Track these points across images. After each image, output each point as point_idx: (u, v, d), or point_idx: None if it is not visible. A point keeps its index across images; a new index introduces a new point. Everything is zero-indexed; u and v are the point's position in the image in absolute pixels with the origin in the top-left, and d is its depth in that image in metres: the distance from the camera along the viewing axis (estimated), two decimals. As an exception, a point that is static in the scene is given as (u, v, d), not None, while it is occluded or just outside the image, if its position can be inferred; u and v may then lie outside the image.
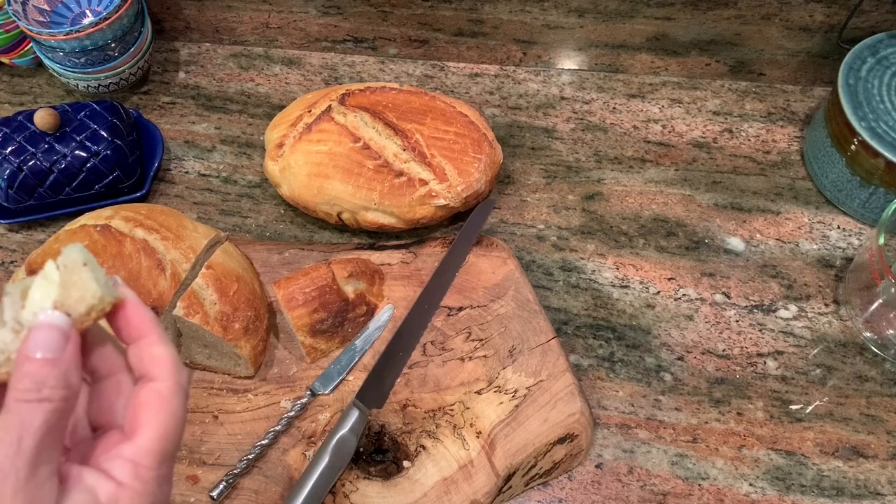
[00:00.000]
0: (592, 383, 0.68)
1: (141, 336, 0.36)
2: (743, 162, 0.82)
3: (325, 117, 0.74)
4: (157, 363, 0.35)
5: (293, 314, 0.65)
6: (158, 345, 0.36)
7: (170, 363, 0.35)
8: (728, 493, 0.63)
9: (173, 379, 0.35)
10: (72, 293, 0.34)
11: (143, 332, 0.36)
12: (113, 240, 0.63)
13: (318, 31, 0.91)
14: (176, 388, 0.35)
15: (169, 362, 0.35)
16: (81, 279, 0.34)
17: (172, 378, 0.35)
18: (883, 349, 0.69)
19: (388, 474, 0.62)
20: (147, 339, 0.36)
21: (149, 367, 0.35)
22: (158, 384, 0.35)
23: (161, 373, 0.35)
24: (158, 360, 0.35)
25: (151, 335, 0.36)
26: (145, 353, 0.36)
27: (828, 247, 0.76)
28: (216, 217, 0.80)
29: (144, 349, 0.36)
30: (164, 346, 0.36)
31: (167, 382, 0.35)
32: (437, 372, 0.66)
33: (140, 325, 0.36)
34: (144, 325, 0.36)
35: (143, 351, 0.36)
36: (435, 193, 0.72)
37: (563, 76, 0.89)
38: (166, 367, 0.35)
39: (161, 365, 0.35)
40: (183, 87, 0.89)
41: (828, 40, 0.83)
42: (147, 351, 0.36)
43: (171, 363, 0.35)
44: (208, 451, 0.63)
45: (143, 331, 0.36)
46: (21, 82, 0.91)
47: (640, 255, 0.76)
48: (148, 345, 0.36)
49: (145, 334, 0.36)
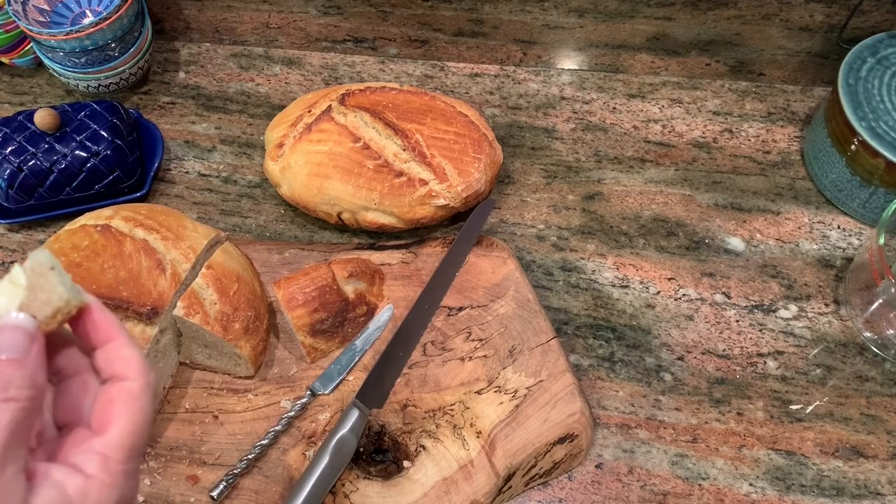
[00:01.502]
0: (592, 383, 0.68)
1: (108, 339, 0.37)
2: (743, 162, 0.82)
3: (325, 117, 0.74)
4: (127, 364, 0.36)
5: (293, 314, 0.65)
6: (127, 347, 0.37)
7: (139, 364, 0.37)
8: (728, 493, 0.63)
9: (143, 378, 0.36)
10: (38, 296, 0.35)
11: (110, 336, 0.37)
12: (113, 240, 0.63)
13: (318, 31, 0.91)
14: (146, 386, 0.36)
15: (138, 363, 0.37)
16: (48, 282, 0.35)
17: (143, 377, 0.36)
18: (883, 349, 0.69)
19: (388, 474, 0.62)
20: (115, 343, 0.37)
21: (119, 368, 0.36)
22: (129, 383, 0.36)
23: (131, 373, 0.36)
24: (128, 360, 0.37)
25: (119, 338, 0.37)
26: (115, 354, 0.37)
27: (828, 247, 0.76)
28: (216, 217, 0.80)
29: (113, 351, 0.37)
30: (132, 348, 0.37)
31: (138, 381, 0.36)
32: (437, 372, 0.66)
33: (107, 329, 0.37)
34: (112, 329, 0.37)
35: (112, 353, 0.37)
36: (435, 193, 0.72)
37: (563, 76, 0.89)
38: (136, 368, 0.36)
39: (131, 365, 0.36)
40: (183, 87, 0.89)
41: (828, 40, 0.83)
42: (116, 353, 0.37)
43: (140, 364, 0.37)
44: (208, 451, 0.63)
45: (110, 334, 0.37)
46: (21, 82, 0.91)
47: (640, 255, 0.76)
48: (117, 347, 0.37)
49: (113, 338, 0.37)
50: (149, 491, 0.61)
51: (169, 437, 0.64)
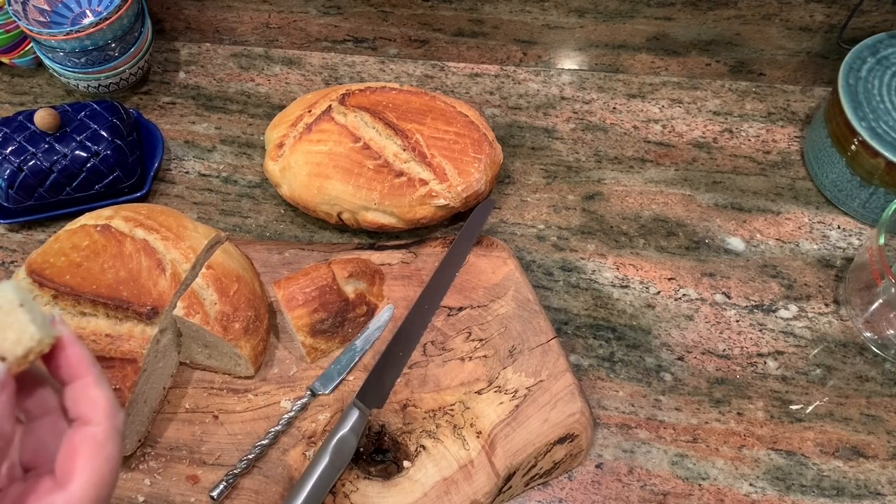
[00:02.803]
0: (592, 383, 0.68)
1: (77, 377, 0.35)
2: (743, 162, 0.82)
3: (326, 117, 0.74)
4: (92, 406, 0.34)
5: (293, 314, 0.65)
6: (94, 386, 0.35)
7: (106, 406, 0.34)
8: (728, 494, 0.63)
9: (109, 422, 0.34)
10: (7, 335, 0.32)
11: (79, 373, 0.35)
12: (113, 240, 0.63)
13: (318, 31, 0.91)
14: (111, 431, 0.34)
15: (105, 405, 0.34)
16: (18, 321, 0.32)
17: (108, 421, 0.34)
18: (883, 349, 0.69)
19: (388, 474, 0.62)
20: (83, 381, 0.35)
21: (84, 410, 0.34)
22: (93, 428, 0.34)
23: (96, 416, 0.34)
24: (94, 402, 0.34)
25: (87, 376, 0.35)
26: (81, 394, 0.34)
27: (828, 247, 0.76)
28: (216, 217, 0.80)
29: (80, 391, 0.35)
30: (100, 387, 0.35)
31: (102, 426, 0.34)
32: (437, 372, 0.66)
33: (77, 364, 0.35)
34: (81, 366, 0.35)
35: (78, 392, 0.35)
36: (435, 193, 0.72)
37: (563, 76, 0.89)
38: (102, 411, 0.34)
39: (97, 408, 0.34)
40: (183, 87, 0.89)
41: (828, 40, 0.83)
42: (83, 392, 0.35)
43: (108, 406, 0.34)
44: (208, 451, 0.63)
45: (80, 371, 0.35)
46: (21, 82, 0.91)
47: (640, 255, 0.76)
48: (84, 386, 0.35)
49: (82, 375, 0.35)
50: (149, 491, 0.61)
51: (169, 437, 0.64)
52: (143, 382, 0.61)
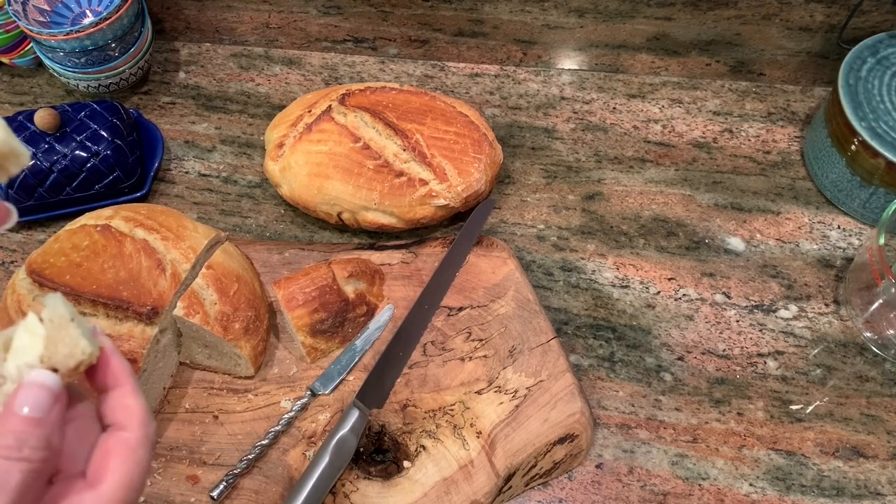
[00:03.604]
0: (592, 383, 0.68)
1: (116, 385, 0.36)
2: (743, 162, 0.82)
3: (326, 117, 0.74)
4: (128, 414, 0.36)
5: (293, 314, 0.65)
6: (131, 396, 0.36)
7: (140, 415, 0.36)
8: (728, 494, 0.63)
9: (142, 430, 0.36)
10: (59, 349, 0.33)
11: (118, 382, 0.37)
12: (113, 240, 0.63)
13: (318, 31, 0.91)
14: (143, 439, 0.36)
15: (140, 414, 0.36)
16: (70, 335, 0.34)
17: (141, 430, 0.36)
18: (883, 349, 0.69)
19: (388, 474, 0.62)
20: (121, 390, 0.36)
21: (120, 417, 0.36)
22: (127, 434, 0.35)
23: (131, 423, 0.36)
24: (130, 410, 0.36)
25: (126, 385, 0.36)
26: (118, 402, 0.36)
27: (828, 247, 0.76)
28: (216, 217, 0.80)
29: (118, 399, 0.36)
30: (136, 397, 0.37)
31: (136, 433, 0.35)
32: (438, 372, 0.66)
33: (117, 374, 0.37)
34: (121, 375, 0.37)
35: (116, 401, 0.36)
36: (435, 193, 0.72)
37: (563, 76, 0.89)
38: (137, 419, 0.36)
39: (132, 416, 0.36)
40: (183, 87, 0.89)
41: (828, 40, 0.83)
42: (120, 401, 0.36)
43: (142, 415, 0.36)
44: (208, 451, 0.63)
45: (119, 380, 0.37)
46: (21, 82, 0.91)
47: (640, 255, 0.76)
48: (122, 395, 0.36)
49: (120, 384, 0.36)
50: (149, 491, 0.61)
51: (169, 437, 0.64)
52: (143, 382, 0.61)
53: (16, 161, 0.35)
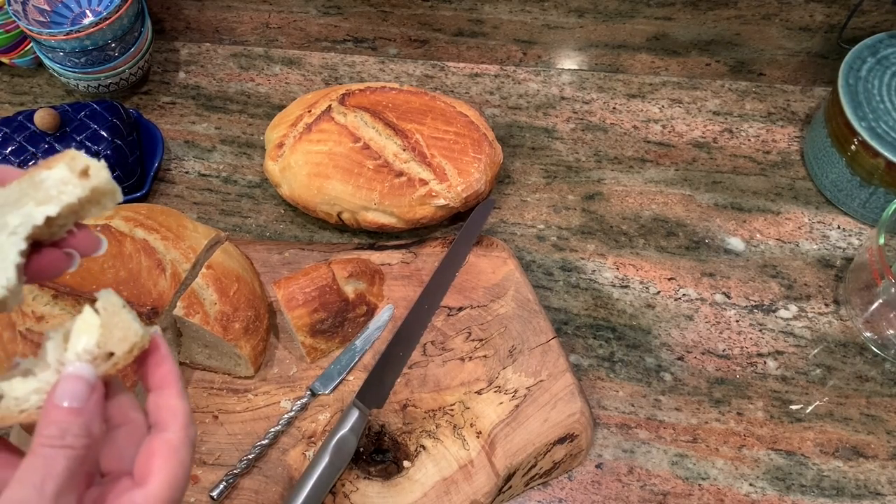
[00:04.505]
0: (592, 383, 0.68)
1: (163, 386, 0.39)
2: (743, 162, 0.82)
3: (325, 117, 0.74)
4: (172, 415, 0.38)
5: (293, 314, 0.65)
6: (176, 397, 0.38)
7: (184, 417, 0.38)
8: (728, 493, 0.63)
9: (184, 432, 0.38)
10: (114, 333, 0.36)
11: (166, 383, 0.39)
12: (113, 240, 0.63)
13: (318, 31, 0.91)
14: (185, 440, 0.38)
15: (183, 416, 0.38)
16: (122, 320, 0.36)
17: (183, 431, 0.38)
18: (883, 349, 0.69)
19: (388, 474, 0.62)
20: (168, 391, 0.38)
21: (164, 417, 0.38)
22: (170, 435, 0.37)
23: (174, 424, 0.38)
24: (174, 411, 0.38)
25: (173, 387, 0.39)
26: (164, 403, 0.38)
27: (828, 247, 0.76)
28: (216, 217, 0.80)
29: (164, 399, 0.38)
30: (181, 399, 0.39)
31: (178, 434, 0.37)
32: (437, 372, 0.66)
33: (166, 374, 0.39)
34: (169, 376, 0.39)
35: (162, 401, 0.38)
36: (435, 193, 0.72)
37: (563, 76, 0.89)
38: (180, 420, 0.38)
39: (176, 417, 0.38)
40: (183, 87, 0.89)
41: (828, 40, 0.83)
42: (166, 402, 0.38)
43: (185, 417, 0.38)
44: (208, 451, 0.63)
45: (166, 381, 0.39)
46: (21, 82, 0.91)
47: (640, 255, 0.76)
48: (168, 395, 0.38)
49: (168, 385, 0.39)
50: (149, 491, 0.61)
51: (169, 437, 0.64)
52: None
53: (112, 198, 0.38)
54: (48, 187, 0.35)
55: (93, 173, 0.36)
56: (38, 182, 0.35)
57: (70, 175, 0.35)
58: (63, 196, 0.35)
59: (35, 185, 0.35)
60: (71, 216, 0.36)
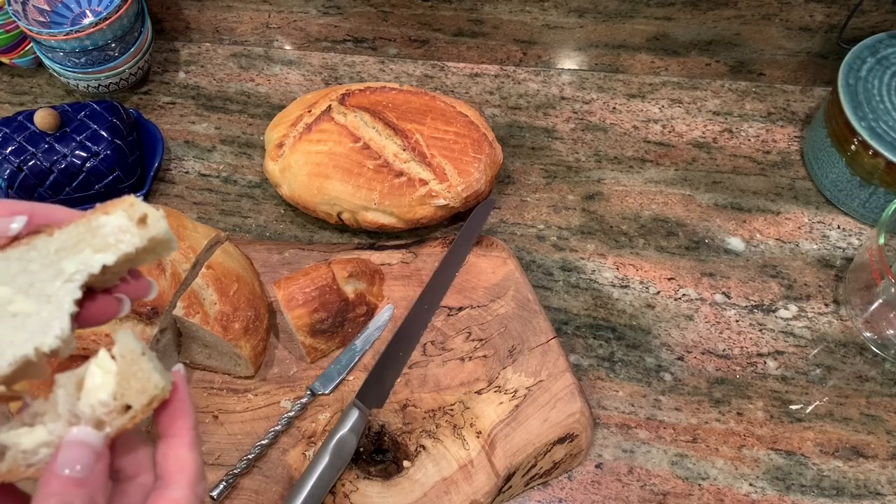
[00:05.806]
0: (592, 383, 0.68)
1: (176, 434, 0.35)
2: (743, 162, 0.82)
3: (325, 117, 0.74)
4: (179, 468, 0.34)
5: (293, 314, 0.65)
6: (187, 448, 0.35)
7: (192, 473, 0.34)
8: (728, 493, 0.63)
9: (191, 489, 0.34)
10: (132, 384, 0.33)
11: (179, 431, 0.35)
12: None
13: (318, 31, 0.91)
14: (192, 499, 0.34)
15: (191, 472, 0.34)
16: (142, 370, 0.33)
17: (190, 489, 0.34)
18: (883, 349, 0.69)
19: (388, 474, 0.62)
20: (179, 440, 0.35)
21: (171, 470, 0.34)
22: (175, 493, 0.34)
23: (181, 480, 0.34)
24: (182, 464, 0.34)
25: (185, 437, 0.35)
26: (173, 452, 0.35)
27: (828, 247, 0.76)
28: (216, 217, 0.80)
29: (173, 448, 0.35)
30: (192, 451, 0.35)
31: (184, 492, 0.34)
32: (437, 372, 0.66)
33: (180, 422, 0.35)
34: (183, 424, 0.35)
35: (171, 450, 0.35)
36: (435, 193, 0.72)
37: (563, 76, 0.89)
38: (187, 476, 0.34)
39: (183, 471, 0.34)
40: (183, 87, 0.89)
41: (828, 40, 0.83)
42: (175, 451, 0.35)
43: (194, 474, 0.34)
44: (208, 451, 0.63)
45: (180, 429, 0.35)
46: (21, 82, 0.91)
47: (640, 255, 0.76)
48: (178, 445, 0.35)
49: (180, 434, 0.35)
50: (149, 491, 0.61)
51: (169, 437, 0.64)
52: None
53: (167, 248, 0.35)
54: (106, 234, 0.34)
55: (151, 222, 0.34)
56: (96, 228, 0.34)
57: (128, 223, 0.34)
58: (121, 245, 0.34)
59: (92, 230, 0.34)
60: (126, 263, 0.34)
